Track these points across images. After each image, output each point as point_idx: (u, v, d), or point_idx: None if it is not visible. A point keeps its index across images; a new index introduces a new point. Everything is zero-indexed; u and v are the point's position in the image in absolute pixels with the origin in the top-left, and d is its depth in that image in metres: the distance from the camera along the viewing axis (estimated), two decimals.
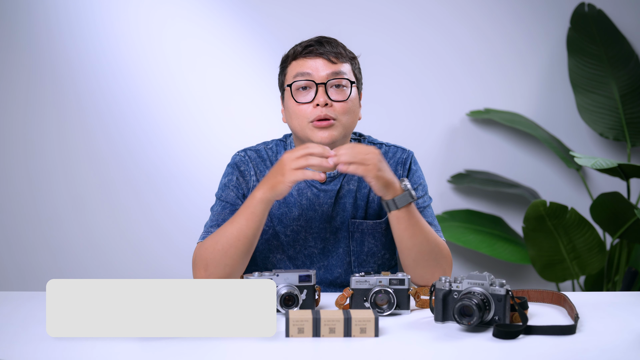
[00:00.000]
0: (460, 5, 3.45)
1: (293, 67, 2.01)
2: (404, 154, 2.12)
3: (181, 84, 3.37)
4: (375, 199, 2.08)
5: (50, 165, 3.35)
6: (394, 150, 2.13)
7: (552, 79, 3.50)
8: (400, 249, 1.95)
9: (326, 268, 2.08)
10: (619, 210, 2.99)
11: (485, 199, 3.52)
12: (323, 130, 1.97)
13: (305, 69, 1.98)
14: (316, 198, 2.06)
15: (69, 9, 3.31)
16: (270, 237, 2.07)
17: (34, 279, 3.34)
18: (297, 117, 1.99)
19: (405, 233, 1.91)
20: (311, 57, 1.99)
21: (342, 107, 1.98)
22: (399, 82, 3.45)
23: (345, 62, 2.01)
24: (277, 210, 2.07)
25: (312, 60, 1.99)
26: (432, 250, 1.94)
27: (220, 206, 2.04)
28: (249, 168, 2.08)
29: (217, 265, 1.89)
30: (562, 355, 1.53)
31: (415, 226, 1.91)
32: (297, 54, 2.01)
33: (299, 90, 1.99)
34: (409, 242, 1.91)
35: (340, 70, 1.99)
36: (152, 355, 1.54)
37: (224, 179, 2.09)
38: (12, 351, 1.54)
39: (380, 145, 2.13)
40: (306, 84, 1.98)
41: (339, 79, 1.98)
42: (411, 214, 1.90)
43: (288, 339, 1.59)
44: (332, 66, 1.98)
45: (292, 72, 2.01)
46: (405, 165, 2.10)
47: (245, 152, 2.11)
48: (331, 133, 1.97)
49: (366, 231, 2.07)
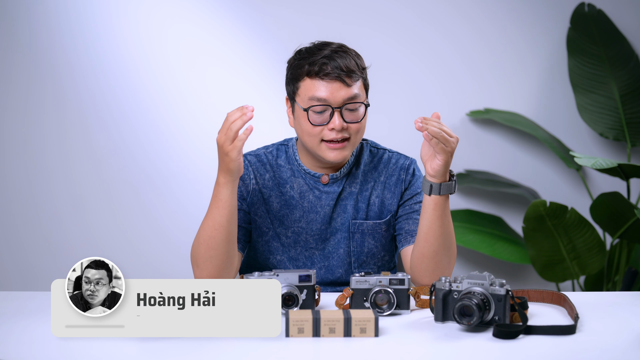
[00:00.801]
0: (460, 5, 3.45)
1: (307, 86, 1.98)
2: (407, 161, 2.14)
3: (181, 84, 3.37)
4: (376, 201, 2.09)
5: (50, 165, 3.35)
6: (397, 156, 2.14)
7: (552, 79, 3.50)
8: (426, 238, 1.93)
9: (327, 269, 2.09)
10: (619, 210, 2.99)
11: (485, 199, 3.52)
12: (336, 151, 1.99)
13: (322, 93, 1.97)
14: (318, 200, 2.07)
15: (69, 9, 3.31)
16: (270, 238, 2.08)
17: (34, 279, 3.34)
18: (310, 136, 2.00)
19: (437, 221, 1.91)
20: (326, 79, 1.97)
21: (355, 127, 2.00)
22: (398, 82, 3.45)
23: (357, 79, 2.00)
24: (278, 212, 2.08)
25: (327, 83, 1.97)
26: (451, 245, 1.96)
27: None
28: (248, 172, 2.09)
29: (205, 260, 1.92)
30: (562, 355, 1.53)
31: (447, 217, 1.93)
32: (312, 73, 1.98)
33: (314, 113, 1.99)
34: (438, 230, 1.92)
35: (354, 93, 1.98)
36: (153, 356, 1.54)
37: None
38: (13, 351, 1.54)
39: (383, 152, 2.14)
40: (323, 108, 1.98)
41: (353, 103, 1.99)
42: (447, 205, 1.92)
43: (288, 339, 1.60)
44: (346, 89, 1.98)
45: (306, 92, 1.98)
46: (408, 171, 2.12)
47: (245, 157, 2.12)
48: (343, 153, 2.00)
49: (366, 232, 2.08)
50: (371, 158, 2.13)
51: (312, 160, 2.07)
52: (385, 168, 2.12)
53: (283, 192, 2.08)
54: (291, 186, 2.08)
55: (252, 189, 2.08)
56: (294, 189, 2.07)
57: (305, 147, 2.04)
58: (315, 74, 1.97)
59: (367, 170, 2.11)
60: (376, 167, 2.12)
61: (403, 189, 2.11)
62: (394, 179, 2.11)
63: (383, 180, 2.11)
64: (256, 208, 2.08)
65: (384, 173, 2.12)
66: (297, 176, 2.08)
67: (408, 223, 2.08)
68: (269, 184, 2.09)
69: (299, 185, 2.08)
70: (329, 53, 1.98)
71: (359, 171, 2.10)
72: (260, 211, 2.08)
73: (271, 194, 2.08)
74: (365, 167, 2.11)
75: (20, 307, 1.87)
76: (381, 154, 2.13)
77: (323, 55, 1.98)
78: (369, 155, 2.12)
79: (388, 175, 2.11)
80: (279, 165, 2.10)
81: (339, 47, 2.01)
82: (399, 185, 2.11)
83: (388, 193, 2.10)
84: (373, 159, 2.13)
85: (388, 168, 2.12)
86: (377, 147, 2.15)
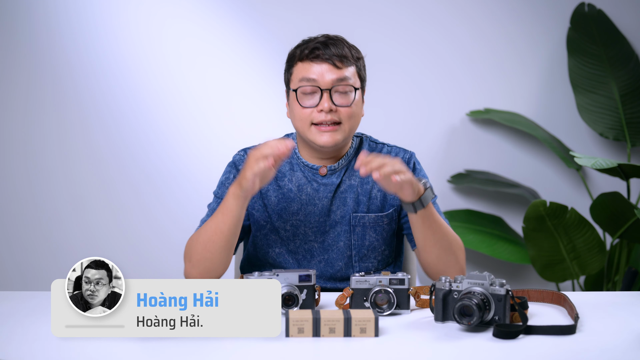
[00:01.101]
0: (460, 5, 3.45)
1: (299, 69, 2.02)
2: (407, 154, 2.14)
3: (181, 83, 3.37)
4: (378, 195, 2.10)
5: (50, 165, 3.35)
6: (396, 150, 2.15)
7: (552, 79, 3.50)
8: (424, 249, 1.97)
9: (327, 262, 2.09)
10: (619, 210, 2.99)
11: (485, 199, 3.53)
12: (327, 133, 2.00)
13: (311, 74, 2.00)
14: (315, 192, 2.08)
15: (69, 9, 3.31)
16: (268, 231, 2.09)
17: (34, 279, 3.34)
18: (301, 119, 2.02)
19: (429, 231, 1.94)
20: (317, 61, 2.00)
21: (346, 111, 2.01)
22: (398, 82, 3.45)
23: (350, 65, 2.02)
24: (276, 205, 2.08)
25: (317, 65, 2.00)
26: (451, 244, 1.98)
27: (216, 203, 2.10)
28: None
29: (199, 259, 1.94)
30: (562, 355, 1.53)
31: (436, 222, 1.95)
32: (303, 56, 2.02)
33: (304, 94, 2.01)
34: (432, 239, 1.95)
35: (344, 75, 2.00)
36: (153, 356, 1.54)
37: (222, 177, 2.13)
38: (13, 351, 1.54)
39: (382, 146, 2.15)
40: (312, 89, 2.00)
41: (343, 85, 2.00)
42: (432, 211, 1.93)
43: (288, 339, 1.60)
44: (337, 71, 2.00)
45: (297, 74, 2.02)
46: (409, 165, 2.13)
47: (245, 151, 2.14)
48: (334, 137, 2.00)
49: (368, 225, 2.09)
50: (370, 152, 2.13)
51: (310, 151, 2.08)
52: None
53: (281, 185, 2.09)
54: (289, 179, 2.09)
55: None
56: (292, 182, 2.09)
57: (299, 133, 2.06)
58: (306, 57, 2.01)
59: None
60: None
61: None
62: None
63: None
64: (253, 202, 2.10)
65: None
66: (296, 169, 2.10)
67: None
68: None
69: (297, 179, 2.09)
70: (323, 40, 2.03)
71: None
72: (258, 205, 2.09)
73: (269, 188, 2.09)
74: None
75: (20, 307, 1.87)
76: (380, 148, 2.15)
77: (317, 41, 2.02)
78: (368, 149, 2.13)
79: None
80: None
81: (331, 37, 2.05)
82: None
83: None
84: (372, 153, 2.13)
85: None
86: (376, 142, 2.17)
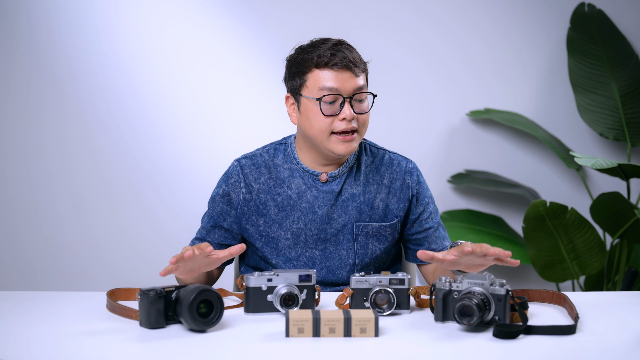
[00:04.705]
0: (460, 5, 3.45)
1: (317, 77, 1.98)
2: (409, 164, 2.14)
3: (181, 84, 3.37)
4: (381, 205, 2.09)
5: (50, 165, 3.35)
6: (398, 158, 2.14)
7: (552, 79, 3.50)
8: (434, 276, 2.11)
9: (328, 269, 2.07)
10: (619, 210, 2.99)
11: (485, 199, 3.52)
12: (346, 143, 1.99)
13: (332, 83, 1.97)
14: (315, 200, 2.05)
15: (69, 9, 3.31)
16: (264, 244, 2.08)
17: (34, 279, 3.34)
18: (320, 128, 1.99)
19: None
20: (336, 68, 1.97)
21: (363, 118, 2.01)
22: (398, 83, 3.45)
23: (362, 71, 2.02)
24: (276, 215, 2.06)
25: (338, 73, 1.97)
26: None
27: (207, 217, 2.12)
28: (239, 179, 2.08)
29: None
30: (562, 355, 1.53)
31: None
32: (320, 63, 1.98)
33: (325, 103, 1.98)
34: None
35: (362, 83, 2.00)
36: (152, 355, 1.54)
37: (215, 190, 2.12)
38: (13, 351, 1.54)
39: (383, 152, 2.13)
40: (334, 98, 1.98)
41: (362, 93, 2.00)
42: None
43: (288, 339, 1.60)
44: (356, 79, 1.99)
45: (316, 82, 1.98)
46: (412, 176, 2.12)
47: (239, 161, 2.11)
48: (352, 145, 2.00)
49: (371, 234, 2.08)
50: (372, 158, 2.12)
51: (313, 157, 2.05)
52: (388, 170, 2.11)
53: (280, 192, 2.06)
54: (289, 186, 2.06)
55: (242, 198, 2.07)
56: (292, 189, 2.06)
57: (312, 142, 2.02)
58: (325, 64, 1.97)
59: (369, 172, 2.10)
60: (378, 168, 2.11)
61: (410, 195, 2.11)
62: (398, 183, 2.10)
63: (387, 183, 2.10)
64: (247, 217, 2.07)
65: (387, 176, 2.11)
66: (295, 175, 2.07)
67: (428, 242, 2.13)
68: (264, 188, 2.07)
69: (297, 185, 2.06)
70: (333, 45, 2.00)
71: (360, 172, 2.09)
72: (253, 218, 2.07)
73: (267, 198, 2.06)
74: (366, 168, 2.10)
75: (20, 307, 1.87)
76: (381, 154, 2.13)
77: (329, 47, 1.99)
78: (369, 155, 2.12)
79: (392, 179, 2.10)
80: (275, 165, 2.09)
81: (340, 41, 2.03)
82: (404, 191, 2.10)
83: (393, 197, 2.10)
84: (374, 160, 2.12)
85: (391, 171, 2.11)
86: (375, 146, 2.15)
